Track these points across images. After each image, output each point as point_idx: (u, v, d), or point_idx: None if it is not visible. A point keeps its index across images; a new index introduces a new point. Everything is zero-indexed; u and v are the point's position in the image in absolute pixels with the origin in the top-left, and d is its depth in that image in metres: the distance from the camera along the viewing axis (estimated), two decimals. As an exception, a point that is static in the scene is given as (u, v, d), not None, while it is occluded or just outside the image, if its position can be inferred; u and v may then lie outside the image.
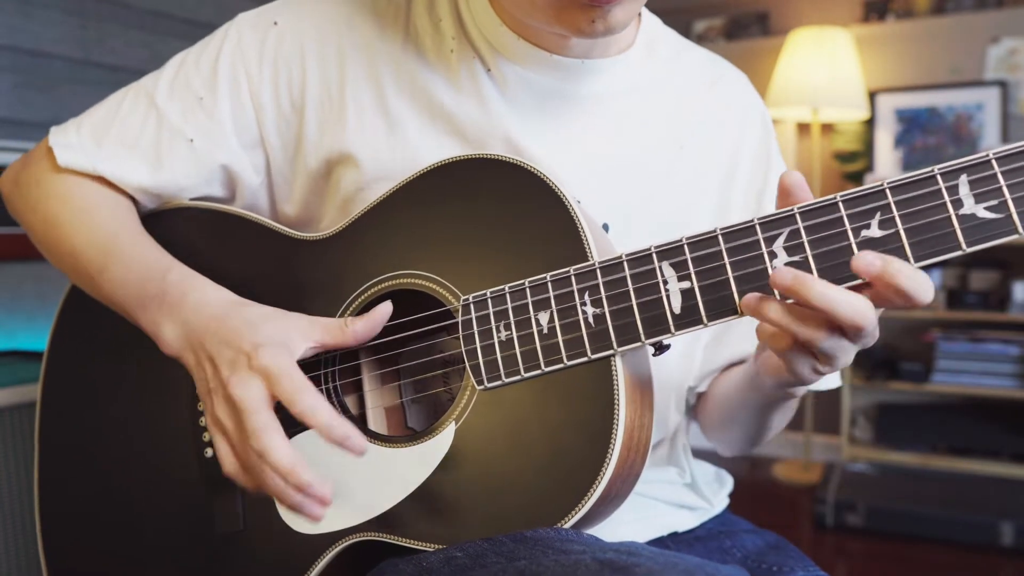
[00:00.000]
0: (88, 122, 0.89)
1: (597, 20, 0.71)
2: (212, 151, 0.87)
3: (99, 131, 0.88)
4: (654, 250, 0.67)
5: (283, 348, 0.71)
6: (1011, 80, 3.12)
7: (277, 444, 0.67)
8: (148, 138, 0.87)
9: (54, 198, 0.88)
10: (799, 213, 0.63)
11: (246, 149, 0.87)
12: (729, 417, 0.90)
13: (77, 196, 0.88)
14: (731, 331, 0.89)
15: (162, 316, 0.78)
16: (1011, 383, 2.96)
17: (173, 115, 0.87)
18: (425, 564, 0.67)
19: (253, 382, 0.69)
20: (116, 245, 0.84)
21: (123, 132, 0.88)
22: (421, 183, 0.78)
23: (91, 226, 0.85)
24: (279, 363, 0.69)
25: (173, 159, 0.87)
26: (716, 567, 0.55)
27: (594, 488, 0.65)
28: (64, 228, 0.87)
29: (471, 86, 0.83)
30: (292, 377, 0.69)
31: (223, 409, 0.71)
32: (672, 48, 0.92)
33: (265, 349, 0.70)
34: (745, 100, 0.94)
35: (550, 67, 0.82)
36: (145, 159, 0.87)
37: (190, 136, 0.86)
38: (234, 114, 0.86)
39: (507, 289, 0.72)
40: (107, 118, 0.89)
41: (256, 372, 0.69)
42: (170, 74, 0.89)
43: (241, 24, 0.88)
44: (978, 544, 2.56)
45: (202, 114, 0.86)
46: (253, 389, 0.69)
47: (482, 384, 0.72)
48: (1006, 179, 0.58)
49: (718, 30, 3.64)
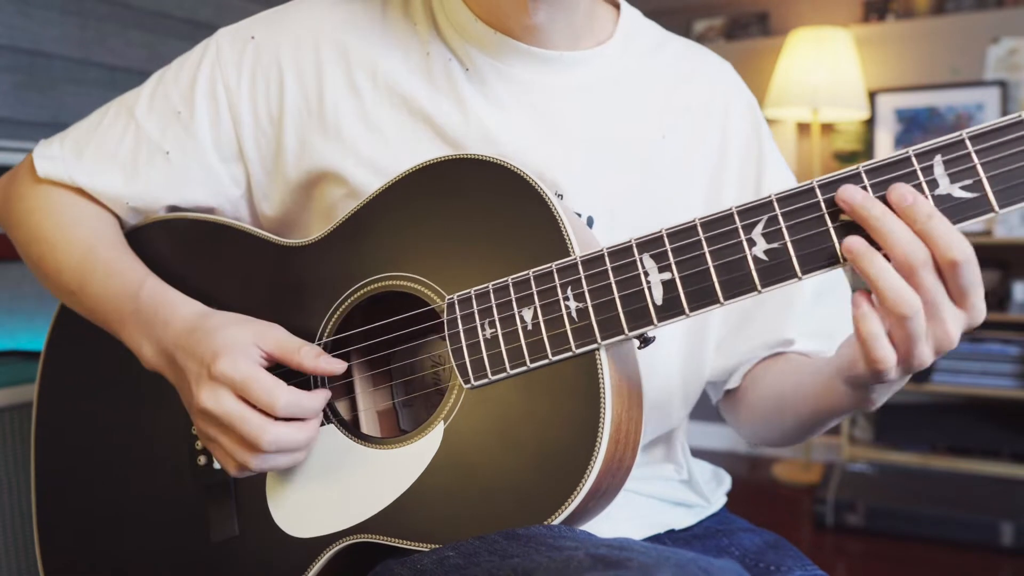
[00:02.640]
0: (72, 135, 0.91)
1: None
2: (188, 164, 0.88)
3: (80, 143, 0.89)
4: (634, 243, 0.67)
5: (240, 353, 0.72)
6: (1011, 80, 3.11)
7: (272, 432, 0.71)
8: (126, 151, 0.88)
9: (36, 212, 0.89)
10: (776, 200, 0.63)
11: (225, 162, 0.88)
12: (780, 411, 0.86)
13: (57, 211, 0.89)
14: (752, 322, 0.89)
15: (139, 334, 0.80)
16: (1011, 383, 2.96)
17: (151, 128, 0.88)
18: (419, 566, 0.67)
19: (221, 393, 0.71)
20: (93, 262, 0.85)
21: (102, 144, 0.89)
22: (403, 186, 0.78)
23: (70, 241, 0.87)
24: (240, 369, 0.71)
25: (149, 171, 0.88)
26: (709, 561, 0.56)
27: (583, 483, 0.66)
28: (45, 245, 0.88)
29: (448, 87, 0.84)
30: (259, 381, 0.71)
31: (203, 421, 0.73)
32: (652, 39, 0.92)
33: (222, 358, 0.71)
34: (730, 89, 0.94)
35: (527, 59, 0.83)
36: (122, 170, 0.88)
37: (167, 149, 0.87)
38: (212, 128, 0.87)
39: (491, 287, 0.72)
40: (89, 131, 0.90)
41: (218, 381, 0.71)
42: (150, 89, 0.90)
43: (220, 39, 0.89)
44: (978, 544, 2.56)
45: (179, 128, 0.87)
46: (224, 402, 0.71)
47: (469, 383, 0.72)
48: (980, 158, 0.59)
49: (718, 30, 3.64)
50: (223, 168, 0.88)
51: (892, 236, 0.59)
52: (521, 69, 0.83)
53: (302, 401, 0.73)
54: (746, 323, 0.89)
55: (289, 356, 0.74)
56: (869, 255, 0.60)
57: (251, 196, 0.90)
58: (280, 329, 0.77)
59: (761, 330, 0.89)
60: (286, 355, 0.75)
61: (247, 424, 0.70)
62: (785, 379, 0.86)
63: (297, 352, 0.74)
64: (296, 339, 0.76)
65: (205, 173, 0.88)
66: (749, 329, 0.89)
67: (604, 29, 0.88)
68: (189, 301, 0.81)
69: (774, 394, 0.87)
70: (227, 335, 0.74)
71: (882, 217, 0.60)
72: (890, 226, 0.59)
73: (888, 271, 0.60)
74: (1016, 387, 2.95)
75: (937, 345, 0.62)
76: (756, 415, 0.90)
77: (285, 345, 0.75)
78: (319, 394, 0.75)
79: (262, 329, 0.76)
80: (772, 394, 0.87)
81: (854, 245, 0.60)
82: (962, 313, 0.62)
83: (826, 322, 0.89)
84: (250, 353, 0.73)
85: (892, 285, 0.60)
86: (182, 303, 0.80)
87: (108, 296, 0.83)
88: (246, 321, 0.77)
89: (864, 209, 0.60)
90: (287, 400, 0.71)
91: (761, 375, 0.90)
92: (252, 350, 0.73)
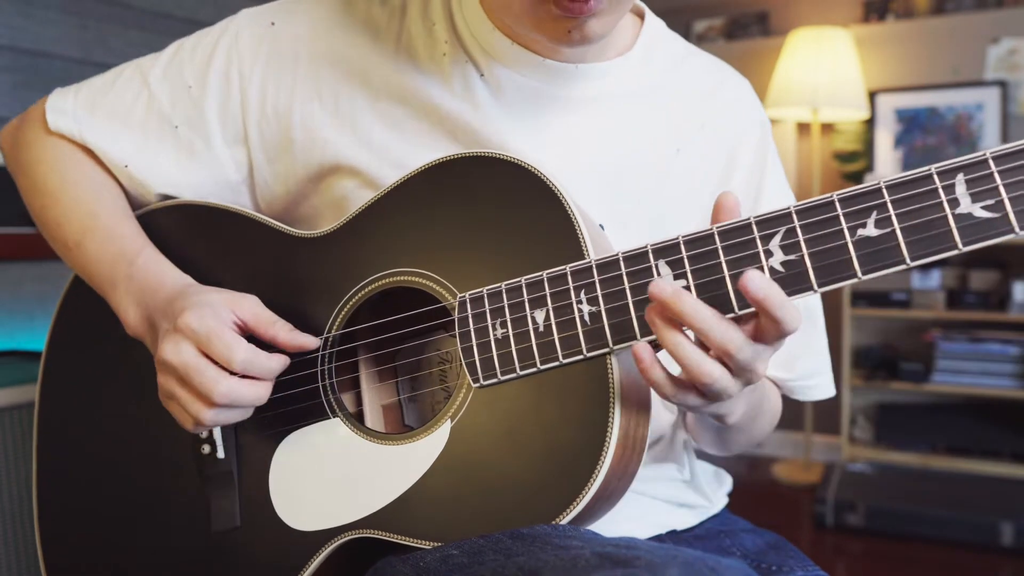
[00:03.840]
0: (86, 90, 0.92)
1: (573, 31, 0.72)
2: (194, 140, 0.88)
3: (93, 100, 0.90)
4: (650, 248, 0.67)
5: (208, 310, 0.73)
6: (1011, 80, 3.12)
7: (224, 384, 0.71)
8: (137, 117, 0.89)
9: (44, 163, 0.91)
10: (795, 212, 0.63)
11: (228, 144, 0.88)
12: (699, 432, 0.91)
13: (65, 166, 0.90)
14: None
15: (128, 298, 0.81)
16: (1011, 383, 2.96)
17: (163, 98, 0.89)
18: (422, 564, 0.67)
19: (183, 345, 0.72)
20: (96, 221, 0.86)
21: (115, 105, 0.90)
22: (418, 181, 0.78)
23: (75, 197, 0.88)
24: (205, 324, 0.72)
25: (159, 142, 0.89)
26: (717, 560, 0.55)
27: (589, 486, 0.65)
28: (48, 198, 0.89)
29: (464, 89, 0.83)
30: (221, 336, 0.72)
31: (163, 375, 0.74)
32: (673, 53, 0.91)
33: (189, 312, 0.73)
34: (745, 108, 0.94)
35: (543, 71, 0.83)
36: (132, 136, 0.89)
37: (176, 123, 0.88)
38: (221, 109, 0.87)
39: (503, 287, 0.72)
40: (103, 89, 0.91)
41: (181, 333, 0.72)
42: (167, 58, 0.91)
43: (240, 21, 0.89)
44: (978, 544, 2.56)
45: (189, 103, 0.88)
46: (184, 352, 0.72)
47: (478, 382, 0.72)
48: (1003, 179, 0.58)
49: (718, 30, 3.64)
50: (227, 151, 0.88)
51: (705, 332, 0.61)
52: (537, 80, 0.83)
53: (259, 359, 0.73)
54: None
55: (264, 328, 0.76)
56: (664, 330, 0.62)
57: (252, 183, 0.90)
58: (256, 300, 0.78)
59: None
60: (260, 326, 0.76)
61: (202, 375, 0.71)
62: None
63: (272, 325, 0.76)
64: (271, 313, 0.77)
65: (209, 153, 0.88)
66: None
67: (624, 40, 0.87)
68: (181, 274, 0.82)
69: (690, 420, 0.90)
70: (203, 296, 0.75)
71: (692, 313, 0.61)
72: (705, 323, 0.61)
73: (686, 346, 0.62)
74: (1016, 387, 2.95)
75: (745, 382, 0.64)
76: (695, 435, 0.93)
77: (261, 316, 0.76)
78: (277, 357, 0.75)
79: (238, 298, 0.76)
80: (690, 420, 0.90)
81: (651, 318, 0.62)
82: (771, 348, 0.64)
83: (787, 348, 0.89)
84: (220, 313, 0.74)
85: (692, 359, 0.62)
86: (174, 273, 0.82)
87: (104, 258, 0.84)
88: (226, 291, 0.78)
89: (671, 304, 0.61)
90: (244, 356, 0.72)
91: None
92: (223, 311, 0.74)
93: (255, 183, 0.90)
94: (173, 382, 0.73)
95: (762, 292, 0.58)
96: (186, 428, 0.76)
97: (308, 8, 0.88)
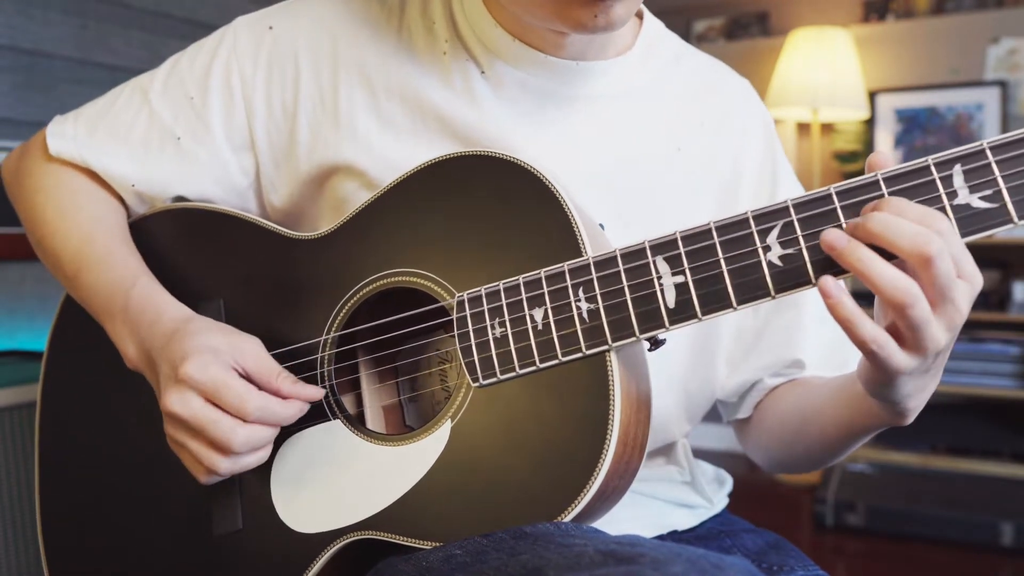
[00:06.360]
0: (85, 114, 0.91)
1: (599, 15, 0.71)
2: (198, 151, 0.88)
3: (93, 122, 0.90)
4: (648, 244, 0.67)
5: (210, 356, 0.71)
6: (1011, 80, 3.12)
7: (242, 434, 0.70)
8: (138, 133, 0.88)
9: (41, 192, 0.90)
10: (793, 205, 0.63)
11: (235, 151, 0.88)
12: (802, 433, 0.84)
13: (63, 193, 0.89)
14: (760, 340, 0.88)
15: (125, 331, 0.80)
16: (1011, 383, 2.96)
17: (164, 112, 0.88)
18: (425, 564, 0.67)
19: (189, 397, 0.70)
20: (90, 251, 0.85)
21: (115, 125, 0.89)
22: (415, 181, 0.78)
23: (71, 227, 0.87)
24: (210, 373, 0.70)
25: (160, 155, 0.88)
26: (720, 557, 0.55)
27: (590, 485, 0.65)
28: (46, 228, 0.88)
29: (465, 87, 0.83)
30: (230, 386, 0.70)
31: (171, 426, 0.73)
32: (673, 52, 0.92)
33: (191, 360, 0.71)
34: (747, 108, 0.94)
35: (545, 68, 0.83)
36: (132, 153, 0.88)
37: (178, 135, 0.88)
38: (225, 116, 0.87)
39: (501, 285, 0.72)
40: (102, 111, 0.91)
41: (185, 384, 0.70)
42: (165, 72, 0.90)
43: (237, 27, 0.89)
44: (978, 544, 2.56)
45: (192, 114, 0.87)
46: (193, 405, 0.70)
47: (477, 381, 0.72)
48: (1001, 169, 0.58)
49: (718, 30, 3.64)
50: (233, 158, 0.88)
51: (897, 230, 0.56)
52: (539, 78, 0.83)
53: (273, 407, 0.72)
54: (756, 342, 0.89)
55: (266, 380, 0.74)
56: (851, 247, 0.58)
57: (259, 187, 0.90)
58: (261, 346, 0.76)
59: (770, 348, 0.88)
60: (263, 378, 0.74)
61: (218, 427, 0.70)
62: (806, 400, 0.84)
63: (275, 378, 0.74)
64: (274, 362, 0.75)
65: (214, 161, 0.88)
66: (758, 348, 0.89)
67: (624, 38, 0.87)
68: (178, 305, 0.80)
69: (796, 416, 0.85)
70: (202, 340, 0.73)
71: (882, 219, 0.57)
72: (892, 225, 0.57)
73: (876, 262, 0.57)
74: (1016, 387, 2.95)
75: (948, 322, 0.59)
76: (775, 438, 0.89)
77: (263, 367, 0.74)
78: (292, 404, 0.74)
79: (241, 342, 0.75)
80: (793, 416, 0.85)
81: (831, 238, 0.58)
82: (965, 283, 0.59)
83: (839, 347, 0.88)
84: (222, 359, 0.72)
85: (885, 276, 0.57)
86: (170, 306, 0.80)
87: (100, 290, 0.83)
88: (228, 331, 0.76)
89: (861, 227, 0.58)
90: (258, 405, 0.71)
91: (778, 399, 0.89)
92: (226, 356, 0.72)
93: (261, 187, 0.90)
94: (183, 434, 0.72)
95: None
96: (198, 479, 0.74)
97: (306, 9, 0.88)
